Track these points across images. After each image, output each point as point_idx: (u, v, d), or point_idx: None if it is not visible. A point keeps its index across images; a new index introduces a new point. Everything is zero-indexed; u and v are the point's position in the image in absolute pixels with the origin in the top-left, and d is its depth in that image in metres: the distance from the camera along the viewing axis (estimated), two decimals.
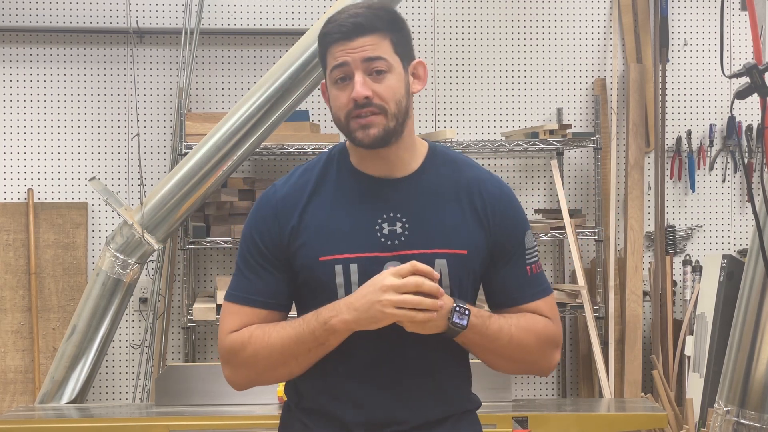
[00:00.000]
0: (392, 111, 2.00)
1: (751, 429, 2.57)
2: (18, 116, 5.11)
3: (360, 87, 1.97)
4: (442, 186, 2.07)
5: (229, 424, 3.47)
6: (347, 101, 1.99)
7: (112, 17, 5.13)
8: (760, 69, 2.34)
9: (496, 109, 5.32)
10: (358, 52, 1.98)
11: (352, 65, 1.98)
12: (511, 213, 2.11)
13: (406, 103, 2.03)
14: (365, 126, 1.99)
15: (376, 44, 1.99)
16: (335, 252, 2.01)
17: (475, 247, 2.05)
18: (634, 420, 3.69)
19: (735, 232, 5.43)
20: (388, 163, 2.06)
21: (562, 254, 5.29)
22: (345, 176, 2.07)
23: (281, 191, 2.09)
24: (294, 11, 5.23)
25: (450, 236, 2.03)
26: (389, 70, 2.00)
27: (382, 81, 1.99)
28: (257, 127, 4.25)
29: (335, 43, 2.00)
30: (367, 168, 2.06)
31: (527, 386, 5.27)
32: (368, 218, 2.03)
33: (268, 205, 2.09)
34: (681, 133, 5.39)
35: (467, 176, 2.10)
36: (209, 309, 4.71)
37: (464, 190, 2.08)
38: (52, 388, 4.38)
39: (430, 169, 2.09)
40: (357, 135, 2.00)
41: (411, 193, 2.05)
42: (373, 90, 1.98)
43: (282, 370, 2.03)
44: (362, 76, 1.98)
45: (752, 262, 2.67)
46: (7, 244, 5.02)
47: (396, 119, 2.00)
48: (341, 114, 2.01)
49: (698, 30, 5.43)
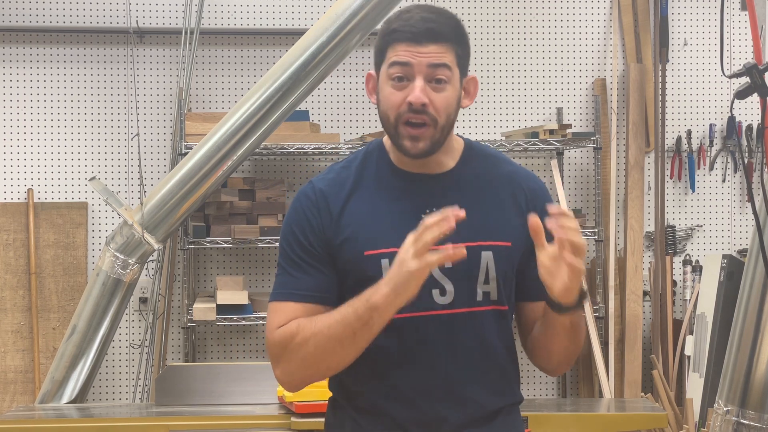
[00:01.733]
0: (442, 123, 2.00)
1: (751, 429, 2.57)
2: (18, 116, 5.11)
3: (420, 92, 1.96)
4: (481, 181, 2.08)
5: (229, 424, 3.46)
6: (401, 102, 1.98)
7: (112, 17, 5.13)
8: (760, 69, 2.34)
9: (496, 109, 5.32)
10: (424, 57, 1.97)
11: (415, 68, 1.97)
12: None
13: (455, 117, 2.04)
14: (415, 138, 1.98)
15: (443, 53, 1.98)
16: (380, 246, 2.00)
17: (518, 240, 2.05)
18: (634, 420, 3.69)
19: (735, 232, 5.43)
20: (427, 163, 2.06)
21: None
22: (385, 172, 2.07)
23: (319, 185, 2.07)
24: (294, 11, 5.23)
25: (493, 229, 2.04)
26: (449, 81, 1.99)
27: (440, 91, 1.99)
28: (257, 127, 4.25)
29: (403, 42, 1.98)
30: (406, 165, 2.07)
31: (527, 386, 5.27)
32: (411, 213, 2.02)
33: (308, 201, 2.06)
34: (681, 133, 5.39)
35: (505, 170, 2.12)
36: (209, 309, 4.71)
37: (504, 184, 2.09)
38: (52, 388, 4.38)
39: (468, 165, 2.10)
40: (405, 143, 2.00)
41: (451, 187, 2.06)
42: (430, 99, 1.97)
43: (331, 358, 1.97)
44: (423, 82, 1.97)
45: (752, 262, 2.67)
46: (7, 244, 5.02)
47: (443, 131, 2.01)
48: (391, 114, 2.00)
49: (698, 30, 5.43)
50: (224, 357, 5.16)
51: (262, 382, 3.65)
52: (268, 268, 5.19)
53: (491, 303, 2.05)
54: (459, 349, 2.02)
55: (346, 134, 5.17)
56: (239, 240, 4.81)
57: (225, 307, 4.76)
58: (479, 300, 2.03)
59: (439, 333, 2.01)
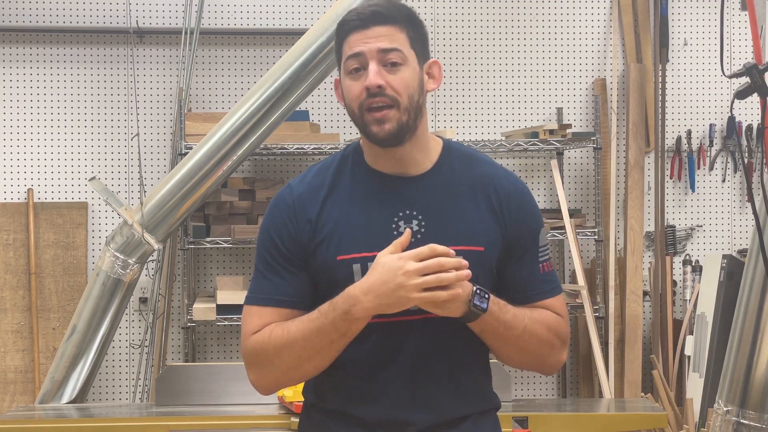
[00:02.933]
0: (404, 104, 1.99)
1: (751, 429, 2.57)
2: (18, 116, 5.11)
3: (373, 76, 1.97)
4: (457, 183, 2.07)
5: (229, 424, 3.46)
6: (360, 91, 1.99)
7: (112, 17, 5.13)
8: (760, 69, 2.34)
9: (496, 109, 5.32)
10: (374, 42, 1.98)
11: (367, 55, 1.98)
12: (527, 208, 2.11)
13: (419, 99, 2.02)
14: (380, 120, 1.98)
15: (393, 35, 2.00)
16: (353, 251, 2.00)
17: (492, 244, 2.05)
18: (634, 420, 3.69)
19: (735, 232, 5.43)
20: (402, 162, 2.05)
21: (562, 254, 5.29)
22: (360, 175, 2.06)
23: (297, 190, 2.08)
24: (294, 11, 5.23)
25: (466, 233, 2.03)
26: (404, 62, 2.00)
27: (395, 73, 1.99)
28: (257, 127, 4.25)
29: (353, 30, 2.01)
30: (381, 166, 2.06)
31: (527, 386, 5.27)
32: (385, 217, 2.02)
33: (284, 204, 2.07)
34: (681, 133, 5.39)
35: (482, 172, 2.10)
36: (209, 309, 4.71)
37: (479, 187, 2.08)
38: (52, 388, 4.38)
39: (445, 167, 2.08)
40: (372, 129, 1.99)
41: (426, 190, 2.05)
42: (386, 80, 1.98)
43: (307, 365, 1.99)
44: (377, 66, 1.98)
45: (752, 262, 2.66)
46: (7, 244, 5.02)
47: (408, 113, 2.00)
48: (355, 105, 2.01)
49: (698, 30, 5.43)
50: (224, 357, 5.16)
51: None
52: None
53: None
54: (429, 354, 2.02)
55: (346, 134, 5.17)
56: (239, 240, 4.82)
57: (225, 307, 4.76)
58: None
59: (411, 338, 2.01)
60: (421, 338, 2.01)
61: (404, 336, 2.01)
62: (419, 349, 2.02)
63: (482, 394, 2.11)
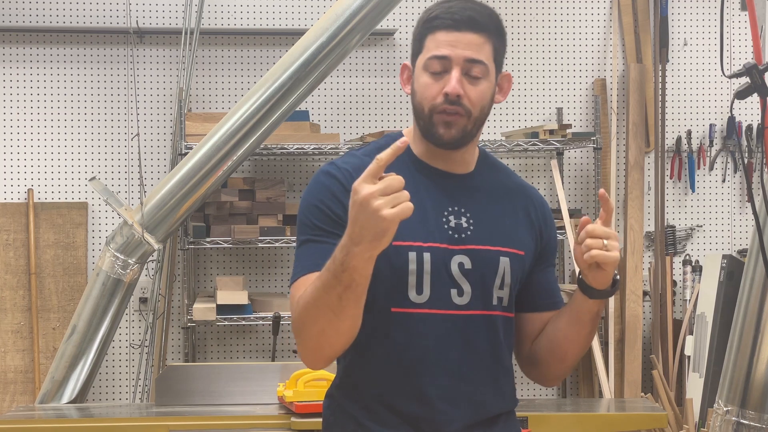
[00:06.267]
0: (475, 116, 2.00)
1: (751, 429, 2.57)
2: (18, 116, 5.11)
3: (456, 83, 1.95)
4: (496, 188, 2.10)
5: (229, 424, 3.46)
6: (437, 94, 1.97)
7: (112, 17, 5.13)
8: (760, 69, 2.34)
9: (496, 109, 5.32)
10: (462, 49, 1.97)
11: (454, 61, 1.97)
12: (552, 221, 2.19)
13: (488, 111, 2.04)
14: (449, 123, 1.97)
15: (481, 46, 1.99)
16: (408, 239, 1.97)
17: (528, 250, 2.09)
18: (634, 420, 3.69)
19: (735, 232, 5.43)
20: (453, 161, 2.06)
21: (562, 254, 5.29)
22: (408, 165, 2.04)
23: (344, 166, 2.02)
24: (294, 11, 5.23)
25: (510, 236, 2.06)
26: (484, 76, 2.00)
27: (476, 85, 1.99)
28: (257, 127, 4.25)
29: (443, 29, 1.98)
30: (431, 160, 2.06)
31: (527, 386, 5.27)
32: (435, 209, 2.02)
33: (332, 177, 2.00)
34: (681, 133, 5.39)
35: (516, 182, 2.16)
36: (209, 309, 4.71)
37: (516, 195, 2.12)
38: (52, 388, 4.38)
39: (484, 171, 2.11)
40: (438, 130, 1.98)
41: (473, 190, 2.06)
42: (465, 90, 1.97)
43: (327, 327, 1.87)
44: (460, 74, 1.97)
45: (752, 262, 2.67)
46: (7, 244, 5.02)
47: (476, 123, 2.01)
48: (426, 104, 1.99)
49: (698, 30, 5.43)
50: (224, 357, 5.16)
51: (262, 382, 3.65)
52: (268, 268, 5.19)
53: (502, 308, 2.06)
54: (472, 350, 2.01)
55: (346, 134, 5.17)
56: (239, 240, 4.81)
57: (225, 307, 4.76)
58: (494, 304, 2.04)
59: (454, 332, 2.00)
60: (463, 334, 2.00)
61: (447, 330, 1.99)
62: (462, 344, 2.00)
63: (513, 391, 2.13)
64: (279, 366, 3.73)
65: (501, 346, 2.05)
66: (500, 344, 2.05)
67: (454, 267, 1.99)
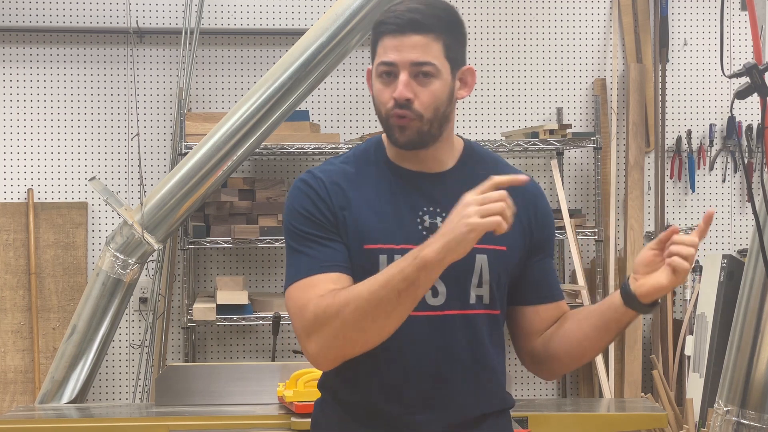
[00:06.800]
0: (428, 117, 1.98)
1: (751, 429, 2.57)
2: (18, 116, 5.11)
3: (403, 87, 1.95)
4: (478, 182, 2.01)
5: (229, 424, 3.46)
6: (389, 98, 1.98)
7: (112, 17, 5.13)
8: (760, 69, 2.34)
9: (496, 109, 5.32)
10: (407, 52, 1.96)
11: (399, 66, 1.96)
12: (547, 210, 2.14)
13: (446, 109, 2.02)
14: (402, 128, 1.98)
15: (427, 46, 1.97)
16: (379, 241, 1.98)
17: (514, 245, 2.05)
18: (634, 420, 3.69)
19: (735, 232, 5.43)
20: (425, 161, 2.05)
21: (562, 254, 5.29)
22: (383, 169, 2.05)
23: (322, 175, 2.03)
24: (294, 11, 5.24)
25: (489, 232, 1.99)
26: (436, 75, 1.98)
27: (426, 86, 1.97)
28: (257, 127, 4.25)
29: (388, 34, 1.98)
30: (404, 163, 2.05)
31: (527, 386, 5.27)
32: (409, 210, 2.01)
33: (314, 183, 2.02)
34: (681, 133, 5.39)
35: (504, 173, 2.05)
36: (209, 309, 4.71)
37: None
38: (52, 388, 4.38)
39: (468, 166, 2.09)
40: (395, 134, 1.99)
41: (450, 187, 2.04)
42: (415, 93, 1.97)
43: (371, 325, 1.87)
44: (407, 77, 1.96)
45: (752, 262, 2.67)
46: (7, 244, 5.02)
47: (431, 124, 1.99)
48: (381, 109, 2.00)
49: (698, 30, 5.43)
50: (224, 357, 5.16)
51: (262, 382, 3.65)
52: (268, 269, 5.19)
53: (483, 306, 2.03)
54: (450, 350, 2.00)
55: (346, 134, 5.17)
56: (239, 240, 4.81)
57: (225, 307, 4.76)
58: (472, 303, 2.02)
59: (431, 334, 1.99)
60: (440, 334, 2.00)
61: (424, 332, 1.99)
62: (439, 345, 1.99)
63: (501, 392, 2.11)
64: (279, 366, 3.73)
65: (483, 345, 2.03)
66: (482, 344, 2.02)
67: None
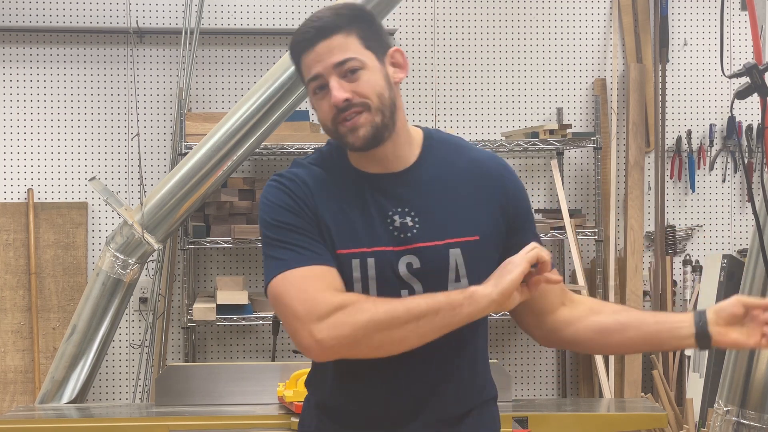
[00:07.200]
0: (375, 105, 1.96)
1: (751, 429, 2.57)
2: (18, 116, 5.11)
3: (336, 92, 1.94)
4: (444, 173, 2.04)
5: (229, 424, 3.46)
6: (329, 108, 1.96)
7: (112, 17, 5.13)
8: (760, 69, 2.34)
9: (496, 109, 5.32)
10: (326, 58, 1.95)
11: (325, 74, 1.96)
12: (517, 183, 2.10)
13: (390, 95, 1.98)
14: (353, 128, 1.95)
15: (342, 44, 1.96)
16: (351, 246, 1.96)
17: (487, 231, 2.02)
18: (634, 420, 3.69)
19: (735, 232, 5.43)
20: (385, 160, 2.02)
21: (562, 254, 5.29)
22: (346, 174, 2.03)
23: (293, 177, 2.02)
24: (294, 11, 5.24)
25: (460, 224, 2.00)
26: (363, 66, 1.96)
27: (358, 79, 1.95)
28: (257, 127, 4.25)
29: (303, 52, 1.98)
30: (365, 166, 2.03)
31: (527, 386, 5.27)
32: (378, 214, 1.99)
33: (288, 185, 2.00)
34: (681, 133, 5.39)
35: (467, 158, 2.07)
36: (209, 309, 4.71)
37: (467, 173, 2.04)
38: (52, 388, 4.38)
39: (430, 157, 2.05)
40: (348, 139, 1.97)
41: (415, 184, 2.02)
42: (351, 90, 1.95)
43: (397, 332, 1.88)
44: (337, 81, 1.95)
45: (752, 262, 2.67)
46: (7, 244, 5.02)
47: (381, 113, 1.96)
48: (328, 122, 1.98)
49: (698, 30, 5.43)
50: (224, 357, 5.16)
51: (262, 382, 3.65)
52: None
53: None
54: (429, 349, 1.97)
55: None
56: (239, 240, 4.82)
57: (225, 307, 4.76)
58: None
59: None
60: None
61: None
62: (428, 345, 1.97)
63: (483, 386, 2.10)
64: (279, 366, 3.73)
65: (463, 341, 2.02)
66: (463, 338, 2.01)
67: (402, 268, 1.97)
